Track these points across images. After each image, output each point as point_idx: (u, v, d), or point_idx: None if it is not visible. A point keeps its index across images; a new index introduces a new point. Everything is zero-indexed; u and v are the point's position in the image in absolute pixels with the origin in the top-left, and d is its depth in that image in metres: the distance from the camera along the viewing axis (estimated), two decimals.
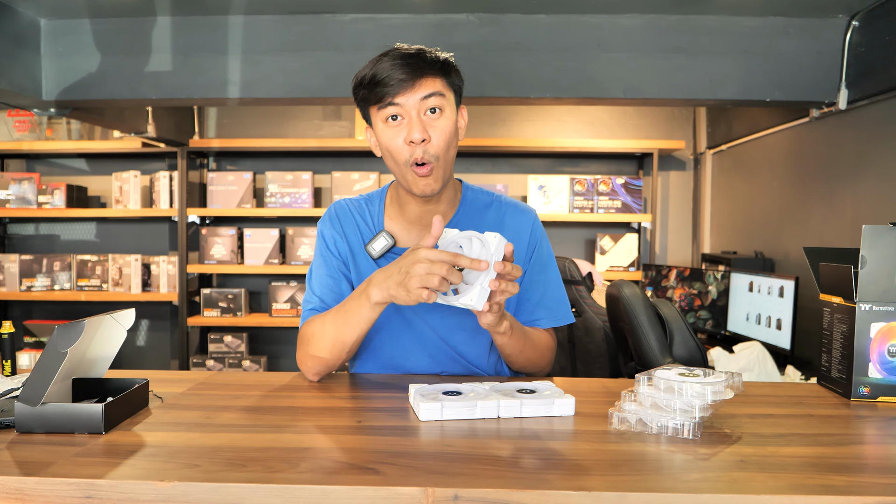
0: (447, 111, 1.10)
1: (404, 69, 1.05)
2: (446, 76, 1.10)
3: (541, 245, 1.24)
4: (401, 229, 1.21)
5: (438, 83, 1.08)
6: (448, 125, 1.10)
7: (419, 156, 1.07)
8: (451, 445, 0.80)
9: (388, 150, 1.10)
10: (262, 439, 0.81)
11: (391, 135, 1.09)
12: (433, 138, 1.08)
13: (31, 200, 3.53)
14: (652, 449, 0.79)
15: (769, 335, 2.49)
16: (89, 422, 0.82)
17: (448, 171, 1.13)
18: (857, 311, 1.05)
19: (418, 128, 1.06)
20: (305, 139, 3.51)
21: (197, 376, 1.12)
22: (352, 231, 1.21)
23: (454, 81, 1.12)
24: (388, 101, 1.07)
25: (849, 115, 2.25)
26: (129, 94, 2.45)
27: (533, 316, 1.23)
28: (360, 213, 1.23)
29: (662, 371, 0.92)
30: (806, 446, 0.82)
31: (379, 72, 1.05)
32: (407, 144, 1.08)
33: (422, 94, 1.06)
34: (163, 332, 3.77)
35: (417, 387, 0.97)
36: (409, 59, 1.05)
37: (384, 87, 1.05)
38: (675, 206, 3.64)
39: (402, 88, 1.05)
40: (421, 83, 1.06)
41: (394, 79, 1.05)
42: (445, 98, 1.09)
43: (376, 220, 1.22)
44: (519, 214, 1.24)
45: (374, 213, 1.23)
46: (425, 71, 1.06)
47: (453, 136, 1.11)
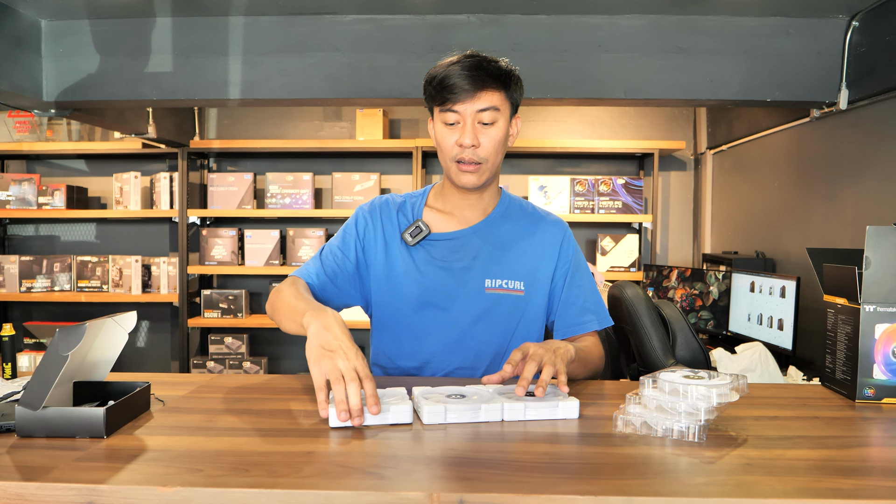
0: (500, 122, 1.19)
1: (469, 81, 1.14)
2: (506, 89, 1.19)
3: (576, 254, 1.33)
4: (438, 219, 1.29)
5: (496, 97, 1.18)
6: (498, 134, 1.20)
7: (467, 157, 1.18)
8: (455, 449, 0.79)
9: (439, 144, 1.22)
10: (265, 443, 0.80)
11: (446, 134, 1.20)
12: (483, 143, 1.19)
13: (32, 201, 3.53)
14: (657, 452, 0.79)
15: (771, 335, 2.49)
16: (90, 426, 0.81)
17: (493, 172, 1.24)
18: (861, 312, 1.05)
19: (470, 134, 1.17)
20: (306, 140, 3.51)
21: (199, 379, 1.12)
22: (389, 222, 1.29)
23: (512, 94, 1.21)
24: (448, 107, 1.17)
25: (849, 115, 2.25)
26: (129, 95, 2.45)
27: (580, 319, 1.29)
28: (401, 207, 1.31)
29: (667, 373, 0.91)
30: (812, 449, 0.81)
31: (447, 77, 1.15)
32: (457, 145, 1.19)
33: (479, 107, 1.17)
34: (163, 333, 3.77)
35: (420, 389, 0.97)
36: (474, 71, 1.15)
37: (449, 93, 1.16)
38: (676, 206, 3.64)
39: (463, 98, 1.16)
40: (480, 96, 1.16)
41: (458, 88, 1.15)
42: (500, 111, 1.19)
43: (416, 211, 1.31)
44: (551, 226, 1.33)
45: (415, 206, 1.31)
46: (487, 84, 1.16)
47: (502, 144, 1.21)
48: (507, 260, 1.27)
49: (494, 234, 1.28)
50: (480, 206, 1.29)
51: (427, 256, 1.26)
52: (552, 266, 1.29)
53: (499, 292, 1.25)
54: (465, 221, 1.29)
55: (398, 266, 1.26)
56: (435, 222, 1.29)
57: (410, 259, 1.26)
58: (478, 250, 1.26)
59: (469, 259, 1.25)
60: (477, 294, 1.24)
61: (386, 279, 1.27)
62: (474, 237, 1.27)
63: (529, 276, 1.27)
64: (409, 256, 1.26)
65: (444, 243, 1.27)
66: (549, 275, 1.29)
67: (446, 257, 1.26)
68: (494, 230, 1.29)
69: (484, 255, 1.26)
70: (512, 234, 1.29)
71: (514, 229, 1.30)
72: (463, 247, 1.26)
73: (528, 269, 1.27)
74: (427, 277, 1.24)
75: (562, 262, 1.30)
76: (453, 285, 1.24)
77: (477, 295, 1.24)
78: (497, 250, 1.27)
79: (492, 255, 1.26)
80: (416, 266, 1.25)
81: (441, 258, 1.26)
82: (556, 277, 1.29)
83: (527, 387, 0.93)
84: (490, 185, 1.28)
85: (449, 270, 1.25)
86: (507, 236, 1.29)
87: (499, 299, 1.24)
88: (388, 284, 1.26)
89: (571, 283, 1.29)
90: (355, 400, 0.85)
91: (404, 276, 1.25)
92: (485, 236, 1.28)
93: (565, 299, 1.29)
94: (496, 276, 1.25)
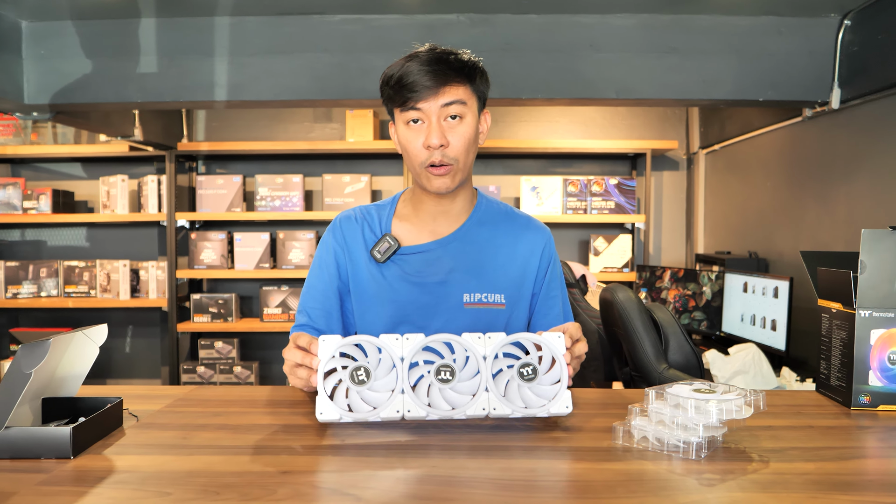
0: (468, 118, 1.10)
1: (429, 76, 1.06)
2: (471, 82, 1.10)
3: (554, 262, 1.26)
4: (409, 231, 1.20)
5: (461, 91, 1.09)
6: (467, 131, 1.11)
7: (436, 159, 1.09)
8: (438, 467, 0.76)
9: (406, 150, 1.12)
10: (240, 462, 0.77)
11: (411, 137, 1.11)
12: (452, 142, 1.09)
13: (17, 206, 3.47)
14: (651, 468, 0.76)
15: (764, 336, 2.47)
16: (56, 446, 0.78)
17: (465, 173, 1.15)
18: (856, 317, 1.02)
19: (437, 133, 1.08)
20: (296, 142, 3.47)
21: (177, 392, 1.08)
22: (354, 239, 1.20)
23: (479, 87, 1.12)
24: (410, 106, 1.08)
25: (842, 115, 2.23)
26: (113, 97, 2.40)
27: None
28: (367, 219, 1.22)
29: (679, 386, 0.87)
30: (807, 461, 0.78)
31: (405, 75, 1.07)
32: (424, 148, 1.09)
33: (443, 101, 1.08)
34: (153, 338, 3.72)
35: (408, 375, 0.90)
36: (434, 66, 1.06)
37: (409, 91, 1.07)
38: (669, 206, 3.62)
39: (425, 95, 1.07)
40: (444, 91, 1.07)
41: (419, 85, 1.06)
42: (467, 105, 1.10)
43: (384, 224, 1.21)
44: (536, 231, 1.25)
45: (382, 218, 1.22)
46: (450, 78, 1.07)
47: (472, 142, 1.13)
48: (487, 272, 1.18)
49: (471, 244, 1.19)
50: (454, 213, 1.19)
51: (399, 272, 1.17)
52: (533, 276, 1.22)
53: (478, 307, 1.16)
54: (439, 231, 1.19)
55: (369, 285, 1.18)
56: (405, 234, 1.19)
57: (381, 276, 1.17)
58: (454, 262, 1.17)
59: (444, 273, 1.16)
60: (455, 310, 1.15)
61: (358, 299, 1.19)
62: (449, 248, 1.18)
63: (511, 288, 1.18)
64: (380, 274, 1.17)
65: (416, 257, 1.17)
66: (530, 285, 1.21)
67: (420, 272, 1.16)
68: (471, 239, 1.19)
69: (461, 268, 1.17)
70: (491, 242, 1.20)
71: (493, 236, 1.21)
72: (437, 259, 1.17)
73: (510, 279, 1.19)
74: (400, 295, 1.16)
75: (541, 272, 1.23)
76: (429, 302, 1.16)
77: (455, 311, 1.15)
78: (475, 262, 1.18)
79: (469, 268, 1.17)
80: (389, 283, 1.16)
81: (414, 273, 1.16)
82: (534, 287, 1.22)
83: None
84: (463, 188, 1.19)
85: (423, 286, 1.16)
86: (486, 245, 1.20)
87: (479, 314, 1.16)
88: (361, 305, 1.18)
89: (547, 294, 1.23)
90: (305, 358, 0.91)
91: (377, 296, 1.17)
92: (461, 246, 1.18)
93: (539, 309, 1.22)
94: (475, 289, 1.16)
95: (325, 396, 0.87)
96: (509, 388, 0.90)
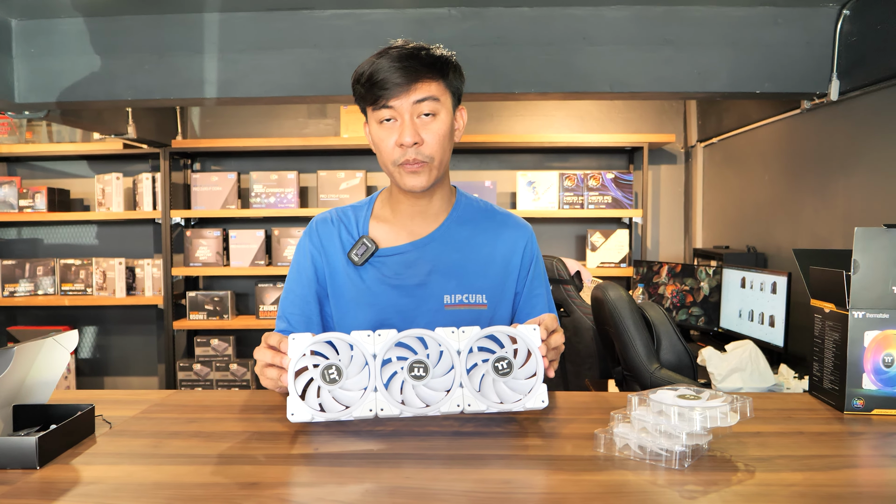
0: (441, 114, 1.08)
1: (400, 72, 1.03)
2: (444, 77, 1.08)
3: (536, 260, 1.24)
4: (387, 232, 1.18)
5: (434, 87, 1.06)
6: (442, 128, 1.08)
7: (410, 157, 1.06)
8: (411, 478, 0.74)
9: (378, 148, 1.10)
10: (208, 472, 0.75)
11: (383, 135, 1.08)
12: (426, 140, 1.07)
13: (12, 204, 3.46)
14: (631, 479, 0.74)
15: (762, 332, 2.44)
16: (22, 456, 0.76)
17: (441, 170, 1.12)
18: (849, 318, 0.99)
19: (410, 131, 1.05)
20: (290, 138, 3.44)
21: (152, 397, 1.06)
22: (331, 242, 1.18)
23: (452, 83, 1.10)
24: (381, 104, 1.06)
25: (840, 107, 2.19)
26: (103, 95, 2.38)
27: None
28: (344, 222, 1.20)
29: (663, 392, 0.85)
30: (795, 471, 0.76)
31: (375, 72, 1.04)
32: (397, 146, 1.07)
33: (416, 98, 1.05)
34: (149, 336, 3.71)
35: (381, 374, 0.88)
36: (405, 62, 1.04)
37: (380, 89, 1.04)
38: (667, 200, 3.58)
39: (396, 92, 1.04)
40: (416, 87, 1.05)
41: (389, 82, 1.03)
42: (440, 102, 1.07)
43: (361, 226, 1.19)
44: (517, 228, 1.23)
45: (359, 220, 1.20)
46: (422, 74, 1.05)
47: (447, 138, 1.10)
48: (467, 272, 1.15)
49: (451, 244, 1.17)
50: (432, 212, 1.17)
51: (378, 275, 1.14)
52: (516, 274, 1.19)
53: (460, 308, 1.14)
54: (417, 232, 1.17)
55: (348, 289, 1.15)
56: (382, 236, 1.17)
57: (360, 280, 1.15)
58: (433, 264, 1.15)
59: (424, 274, 1.14)
60: (436, 312, 1.13)
61: (337, 303, 1.16)
62: (428, 249, 1.16)
63: (493, 288, 1.16)
64: (359, 277, 1.15)
65: (394, 258, 1.15)
66: (513, 284, 1.19)
67: (399, 274, 1.14)
68: (450, 239, 1.17)
69: (441, 269, 1.15)
70: (471, 241, 1.18)
71: (472, 236, 1.18)
72: (416, 261, 1.15)
73: (491, 279, 1.17)
74: (379, 298, 1.14)
75: (524, 270, 1.20)
76: (409, 305, 1.13)
77: (436, 313, 1.13)
78: (454, 262, 1.16)
79: (449, 269, 1.15)
80: (367, 287, 1.14)
81: (393, 276, 1.14)
82: (517, 285, 1.20)
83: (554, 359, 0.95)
84: (440, 186, 1.16)
85: (402, 289, 1.14)
86: (466, 244, 1.17)
87: (460, 315, 1.13)
88: (340, 309, 1.16)
89: (530, 293, 1.20)
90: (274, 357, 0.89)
91: (355, 299, 1.14)
92: (440, 247, 1.16)
93: (522, 308, 1.20)
94: (455, 290, 1.14)
95: (297, 396, 0.85)
96: (484, 383, 0.88)
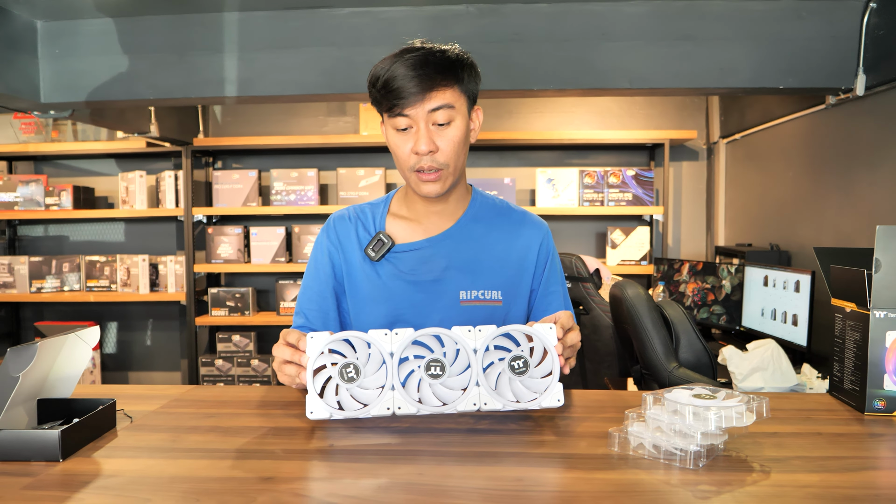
0: (457, 120, 1.08)
1: (415, 81, 1.03)
2: (459, 82, 1.08)
3: (552, 257, 1.24)
4: (403, 228, 1.19)
5: (448, 94, 1.06)
6: (457, 134, 1.08)
7: (426, 164, 1.07)
8: (425, 475, 0.74)
9: (395, 154, 1.11)
10: (224, 467, 0.76)
11: (399, 142, 1.09)
12: (441, 147, 1.07)
13: (39, 202, 3.54)
14: (644, 478, 0.73)
15: (785, 331, 2.40)
16: (45, 449, 0.78)
17: (457, 175, 1.13)
18: (871, 318, 0.97)
19: (425, 140, 1.06)
20: (310, 136, 3.47)
21: (172, 392, 1.08)
22: (348, 239, 1.19)
23: (467, 86, 1.10)
24: (397, 112, 1.06)
25: (867, 102, 2.14)
26: (125, 94, 2.42)
27: None
28: (361, 218, 1.21)
29: (678, 391, 0.84)
30: (810, 472, 0.75)
31: (391, 80, 1.04)
32: (413, 154, 1.07)
33: (430, 107, 1.05)
34: (172, 331, 3.77)
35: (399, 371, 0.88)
36: (420, 70, 1.03)
37: (395, 98, 1.04)
38: (688, 197, 3.54)
39: (412, 102, 1.04)
40: (431, 96, 1.04)
41: (405, 91, 1.03)
42: (455, 108, 1.07)
43: (378, 223, 1.20)
44: (533, 226, 1.23)
45: (376, 217, 1.21)
46: (436, 83, 1.04)
47: (462, 144, 1.10)
48: (483, 268, 1.16)
49: (467, 240, 1.17)
50: (448, 211, 1.18)
51: (394, 271, 1.15)
52: (531, 271, 1.20)
53: (475, 304, 1.14)
54: (433, 229, 1.18)
55: (364, 284, 1.16)
56: (399, 232, 1.18)
57: (376, 275, 1.16)
58: (449, 260, 1.16)
59: (440, 270, 1.15)
60: (451, 308, 1.14)
61: (353, 299, 1.18)
62: (444, 245, 1.16)
63: (508, 284, 1.17)
64: (375, 273, 1.16)
65: (410, 254, 1.16)
66: (528, 281, 1.20)
67: (414, 270, 1.15)
68: (466, 235, 1.18)
69: (456, 265, 1.15)
70: (486, 238, 1.18)
71: (488, 232, 1.19)
72: (432, 257, 1.16)
73: (507, 276, 1.17)
74: (395, 294, 1.15)
75: (539, 267, 1.21)
76: (424, 300, 1.14)
77: (451, 309, 1.14)
78: (470, 259, 1.16)
79: (465, 265, 1.16)
80: (384, 282, 1.15)
81: (409, 271, 1.15)
82: (532, 282, 1.21)
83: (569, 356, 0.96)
84: (456, 188, 1.17)
85: (418, 284, 1.15)
86: (481, 241, 1.18)
87: (475, 311, 1.14)
88: (356, 305, 1.17)
89: (546, 290, 1.21)
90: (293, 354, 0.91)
91: (371, 295, 1.16)
92: (456, 243, 1.17)
93: (538, 305, 1.20)
94: (471, 286, 1.15)
95: (315, 394, 0.86)
96: (500, 381, 0.88)
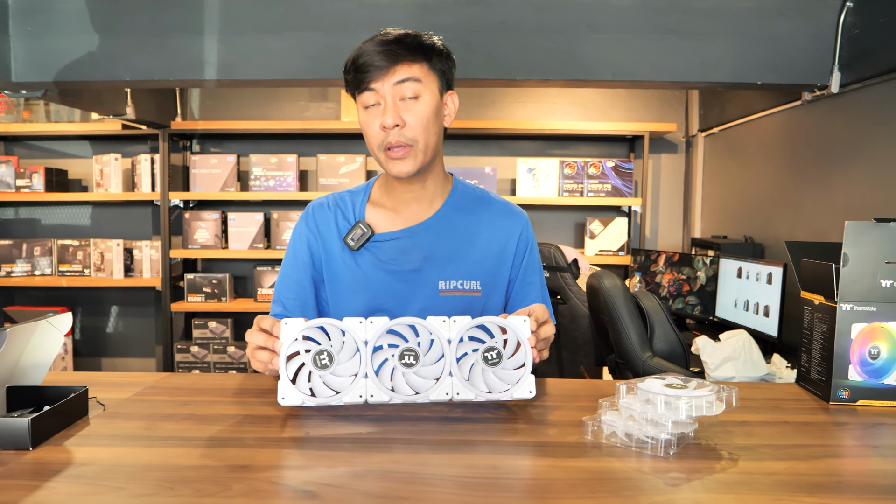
0: (425, 96, 1.08)
1: (381, 55, 1.05)
2: (428, 60, 1.09)
3: (533, 247, 1.24)
4: (383, 217, 1.18)
5: (416, 68, 1.07)
6: (425, 109, 1.08)
7: (393, 140, 1.07)
8: (400, 463, 0.75)
9: (366, 134, 1.11)
10: (199, 455, 0.76)
11: (368, 120, 1.09)
12: (409, 122, 1.07)
13: (10, 184, 3.45)
14: (617, 466, 0.75)
15: (757, 322, 2.45)
16: (15, 438, 0.77)
17: (429, 155, 1.12)
18: (838, 310, 1.00)
19: (391, 113, 1.06)
20: (291, 121, 3.43)
21: (147, 379, 1.07)
22: (327, 227, 1.19)
23: (437, 66, 1.10)
24: (364, 87, 1.07)
25: (842, 99, 2.18)
26: (102, 75, 2.36)
27: None
28: (340, 206, 1.21)
29: (651, 381, 0.86)
30: (778, 460, 0.77)
31: (359, 57, 1.06)
32: (381, 130, 1.07)
33: (396, 80, 1.06)
34: (147, 317, 3.72)
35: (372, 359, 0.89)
36: (387, 46, 1.05)
37: (362, 73, 1.06)
38: (666, 189, 3.58)
39: (378, 75, 1.06)
40: (396, 69, 1.06)
41: (371, 65, 1.05)
42: (423, 83, 1.08)
43: (358, 211, 1.19)
44: (513, 216, 1.23)
45: (356, 205, 1.20)
46: (402, 57, 1.06)
47: (431, 121, 1.09)
48: (463, 258, 1.16)
49: (447, 230, 1.17)
50: (427, 197, 1.18)
51: (373, 260, 1.15)
52: (510, 262, 1.20)
53: (454, 294, 1.14)
54: (413, 218, 1.18)
55: (343, 273, 1.16)
56: (379, 221, 1.18)
57: (355, 264, 1.15)
58: (429, 249, 1.15)
59: (419, 260, 1.15)
60: (430, 297, 1.14)
61: (332, 288, 1.17)
62: (424, 235, 1.16)
63: (487, 275, 1.17)
64: (354, 262, 1.15)
65: (390, 244, 1.16)
66: (507, 271, 1.20)
67: (394, 259, 1.15)
68: (446, 225, 1.18)
69: (436, 255, 1.15)
70: (467, 228, 1.18)
71: (469, 222, 1.19)
72: (412, 246, 1.16)
73: (486, 266, 1.18)
74: (375, 283, 1.14)
75: (518, 258, 1.21)
76: (404, 290, 1.14)
77: (430, 298, 1.14)
78: (450, 248, 1.16)
79: (444, 255, 1.16)
80: (363, 272, 1.15)
81: (388, 261, 1.15)
82: (511, 273, 1.21)
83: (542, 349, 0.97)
84: (432, 171, 1.16)
85: (398, 274, 1.15)
86: (462, 231, 1.18)
87: (454, 301, 1.14)
88: (335, 294, 1.17)
89: (524, 280, 1.21)
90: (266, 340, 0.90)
91: (350, 284, 1.15)
92: (436, 233, 1.17)
93: (515, 295, 1.21)
94: (450, 276, 1.15)
95: (287, 380, 0.86)
96: (473, 372, 0.89)
